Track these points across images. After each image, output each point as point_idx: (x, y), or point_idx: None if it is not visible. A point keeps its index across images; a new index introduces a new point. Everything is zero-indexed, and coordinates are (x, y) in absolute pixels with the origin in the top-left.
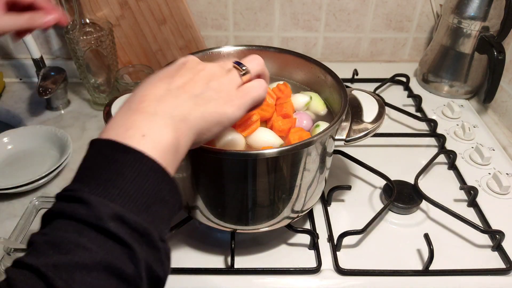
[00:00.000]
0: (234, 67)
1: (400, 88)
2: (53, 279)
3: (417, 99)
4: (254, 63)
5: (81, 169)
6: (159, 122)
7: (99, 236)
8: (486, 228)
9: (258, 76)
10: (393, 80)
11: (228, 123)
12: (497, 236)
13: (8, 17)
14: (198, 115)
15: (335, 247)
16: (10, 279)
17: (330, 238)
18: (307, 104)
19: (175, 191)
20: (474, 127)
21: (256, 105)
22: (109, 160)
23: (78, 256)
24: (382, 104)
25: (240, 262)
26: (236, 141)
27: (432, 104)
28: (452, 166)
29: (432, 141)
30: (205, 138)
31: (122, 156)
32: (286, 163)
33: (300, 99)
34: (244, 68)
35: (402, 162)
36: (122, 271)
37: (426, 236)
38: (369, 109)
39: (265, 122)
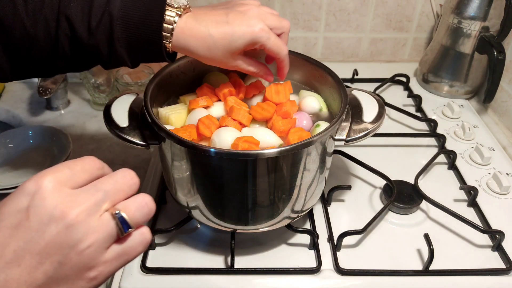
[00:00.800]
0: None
1: (400, 88)
2: None
3: (417, 99)
4: (141, 211)
5: None
6: None
7: None
8: (486, 228)
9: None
10: (393, 80)
11: None
12: (497, 236)
13: (246, 59)
14: None
15: (335, 247)
16: None
17: (330, 238)
18: (318, 111)
19: None
20: (474, 127)
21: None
22: None
23: None
24: (382, 104)
25: (240, 262)
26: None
27: (432, 104)
28: (452, 166)
29: (432, 141)
30: None
31: None
32: (286, 163)
33: (312, 103)
34: (126, 229)
35: (402, 162)
36: None
37: (426, 236)
38: (369, 109)
39: (265, 122)
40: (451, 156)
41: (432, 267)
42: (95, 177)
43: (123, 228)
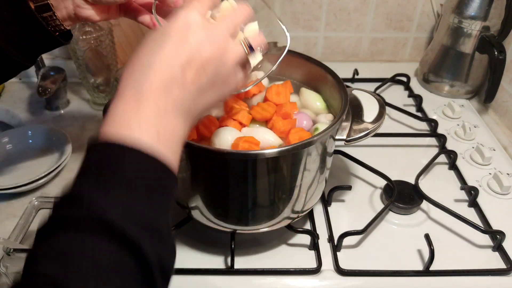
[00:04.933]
0: (243, 43)
1: (400, 88)
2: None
3: (418, 99)
4: (259, 42)
5: (81, 172)
6: (171, 118)
7: (103, 242)
8: (486, 228)
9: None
10: (394, 80)
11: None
12: (498, 236)
13: None
14: (203, 104)
15: (336, 247)
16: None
17: (331, 238)
18: (320, 110)
19: (174, 182)
20: (475, 127)
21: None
22: (108, 161)
23: (85, 269)
24: (383, 104)
25: (240, 262)
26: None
27: (433, 104)
28: (453, 166)
29: (432, 141)
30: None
31: (120, 154)
32: (286, 163)
33: (317, 102)
34: (251, 51)
35: (403, 162)
36: (132, 274)
37: (427, 237)
38: (370, 109)
39: (265, 122)
40: (452, 156)
41: (433, 267)
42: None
43: (250, 50)
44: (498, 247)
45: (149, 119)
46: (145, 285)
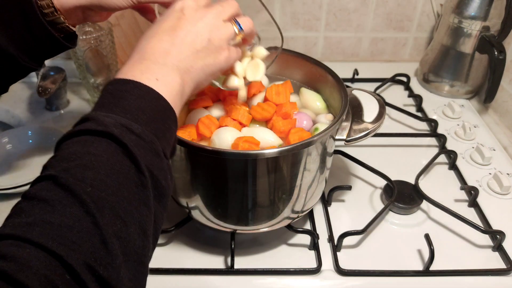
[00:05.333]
0: (232, 22)
1: (400, 88)
2: (66, 178)
3: (418, 99)
4: (248, 23)
5: (95, 104)
6: (169, 71)
7: (103, 142)
8: (486, 228)
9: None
10: (394, 80)
11: (220, 73)
12: (498, 236)
13: None
14: (199, 67)
15: (336, 247)
16: (29, 192)
17: (331, 238)
18: (320, 110)
19: (174, 117)
20: (475, 127)
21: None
22: (114, 92)
23: (85, 160)
24: (383, 104)
25: (240, 262)
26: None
27: (433, 104)
28: (453, 166)
29: (432, 141)
30: (201, 87)
31: (125, 86)
32: (286, 163)
33: (317, 102)
34: (241, 29)
35: (403, 162)
36: (127, 171)
37: (427, 237)
38: (370, 109)
39: (265, 122)
40: (452, 156)
41: (433, 267)
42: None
43: (239, 29)
44: (498, 247)
45: (150, 69)
46: (140, 186)
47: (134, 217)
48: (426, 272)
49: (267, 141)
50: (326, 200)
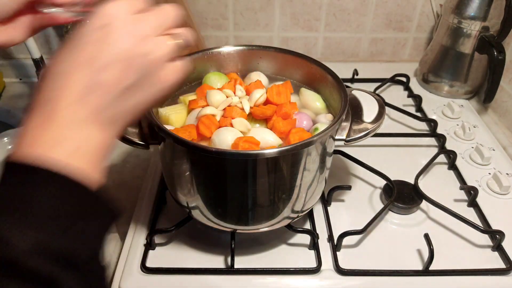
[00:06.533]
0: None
1: (400, 88)
2: None
3: (417, 99)
4: (188, 36)
5: None
6: (88, 131)
7: (18, 279)
8: (486, 228)
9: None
10: (393, 80)
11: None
12: (497, 236)
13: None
14: (128, 109)
15: (335, 247)
16: None
17: (330, 238)
18: (320, 110)
19: (100, 202)
20: (474, 127)
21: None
22: (19, 192)
23: None
24: (382, 104)
25: (240, 262)
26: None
27: (432, 104)
28: (452, 166)
29: (432, 141)
30: (131, 123)
31: (32, 180)
32: (286, 163)
33: (317, 102)
34: (181, 44)
35: (402, 162)
36: None
37: (426, 236)
38: (369, 109)
39: (265, 122)
40: (451, 156)
41: (432, 267)
42: (145, 8)
43: (180, 43)
44: (498, 247)
45: (62, 136)
46: None
47: None
48: (426, 271)
49: (267, 141)
50: (326, 200)
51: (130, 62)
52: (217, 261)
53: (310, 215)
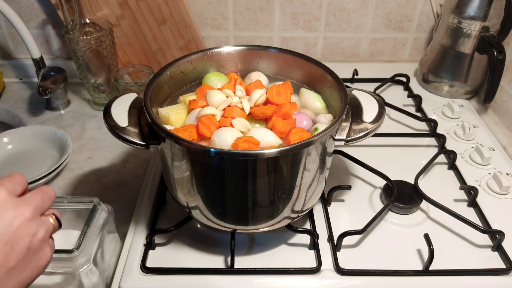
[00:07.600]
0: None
1: (400, 88)
2: None
3: (417, 99)
4: (59, 215)
5: None
6: None
7: None
8: (486, 228)
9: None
10: (393, 80)
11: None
12: (497, 236)
13: None
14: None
15: (335, 247)
16: None
17: (330, 238)
18: (320, 110)
19: None
20: (474, 127)
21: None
22: None
23: None
24: (382, 104)
25: (240, 262)
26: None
27: (432, 104)
28: (452, 166)
29: (432, 141)
30: None
31: None
32: (286, 163)
33: (317, 102)
34: (59, 224)
35: (402, 162)
36: None
37: (426, 236)
38: (369, 109)
39: (265, 122)
40: (451, 156)
41: (432, 267)
42: (25, 189)
43: (58, 224)
44: (498, 247)
45: None
46: None
47: None
48: (426, 271)
49: (267, 141)
50: (326, 200)
51: (14, 243)
52: (217, 261)
53: (310, 215)
